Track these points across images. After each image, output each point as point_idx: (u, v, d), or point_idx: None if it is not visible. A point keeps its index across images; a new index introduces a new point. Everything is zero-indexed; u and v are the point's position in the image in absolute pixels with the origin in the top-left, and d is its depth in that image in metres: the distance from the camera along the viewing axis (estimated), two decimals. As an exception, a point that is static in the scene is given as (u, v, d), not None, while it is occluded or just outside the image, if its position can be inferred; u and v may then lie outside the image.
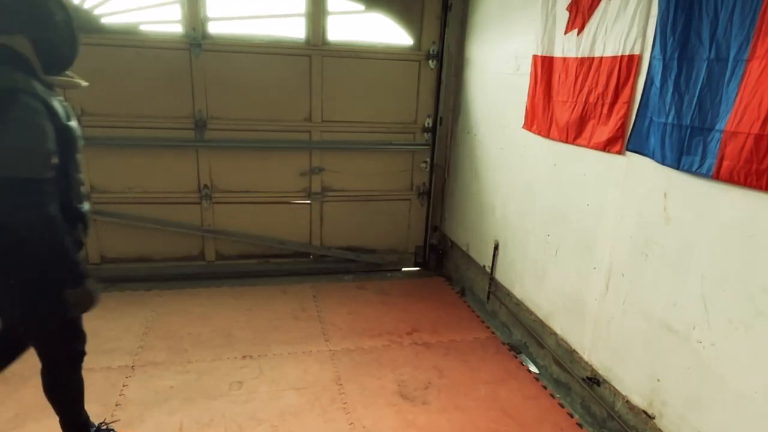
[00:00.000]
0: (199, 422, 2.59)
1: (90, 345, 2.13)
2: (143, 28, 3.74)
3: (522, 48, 3.29)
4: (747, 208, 1.84)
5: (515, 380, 3.11)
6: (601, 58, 2.55)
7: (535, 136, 3.17)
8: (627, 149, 2.42)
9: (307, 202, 4.39)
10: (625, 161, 2.44)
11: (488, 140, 3.86)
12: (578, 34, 2.70)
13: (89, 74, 1.99)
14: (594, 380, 2.70)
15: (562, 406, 2.89)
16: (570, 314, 2.93)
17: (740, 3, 1.80)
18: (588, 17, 2.62)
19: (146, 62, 3.75)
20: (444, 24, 4.21)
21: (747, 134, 1.78)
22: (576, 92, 2.74)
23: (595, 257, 2.69)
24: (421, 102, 4.37)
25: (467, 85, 4.18)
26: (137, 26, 3.72)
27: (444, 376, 3.10)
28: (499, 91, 3.67)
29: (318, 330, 3.56)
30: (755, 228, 1.82)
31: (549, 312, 3.15)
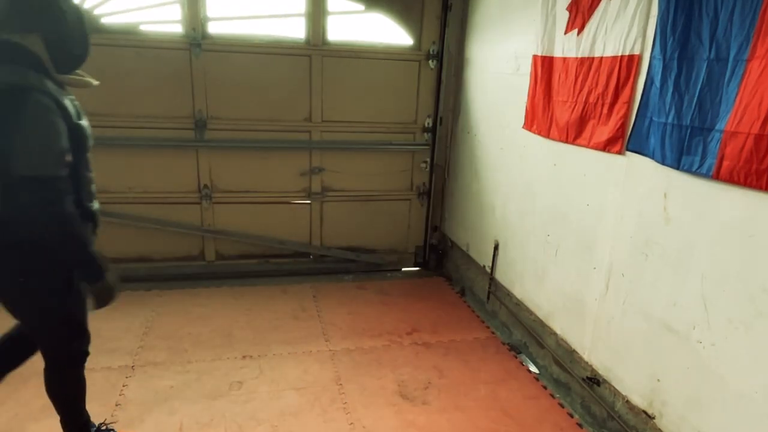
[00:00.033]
0: (199, 422, 2.59)
1: (90, 345, 2.13)
2: (143, 28, 3.74)
3: (522, 48, 3.29)
4: (747, 208, 1.84)
5: (515, 380, 3.11)
6: (601, 58, 2.55)
7: (535, 136, 3.17)
8: (627, 149, 2.42)
9: (307, 202, 4.38)
10: (625, 161, 2.44)
11: (488, 140, 3.86)
12: (578, 34, 2.70)
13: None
14: (594, 380, 2.71)
15: (562, 406, 2.89)
16: (570, 314, 2.93)
17: (740, 3, 1.80)
18: (588, 17, 2.62)
19: (146, 62, 3.75)
20: (444, 24, 4.21)
21: (747, 134, 1.78)
22: (576, 92, 2.74)
23: (595, 257, 2.69)
24: (421, 102, 4.37)
25: (467, 85, 4.18)
26: (137, 26, 3.72)
27: (444, 376, 3.10)
28: (499, 91, 3.67)
29: (318, 330, 3.56)
30: (755, 228, 1.82)
31: (549, 312, 3.15)
